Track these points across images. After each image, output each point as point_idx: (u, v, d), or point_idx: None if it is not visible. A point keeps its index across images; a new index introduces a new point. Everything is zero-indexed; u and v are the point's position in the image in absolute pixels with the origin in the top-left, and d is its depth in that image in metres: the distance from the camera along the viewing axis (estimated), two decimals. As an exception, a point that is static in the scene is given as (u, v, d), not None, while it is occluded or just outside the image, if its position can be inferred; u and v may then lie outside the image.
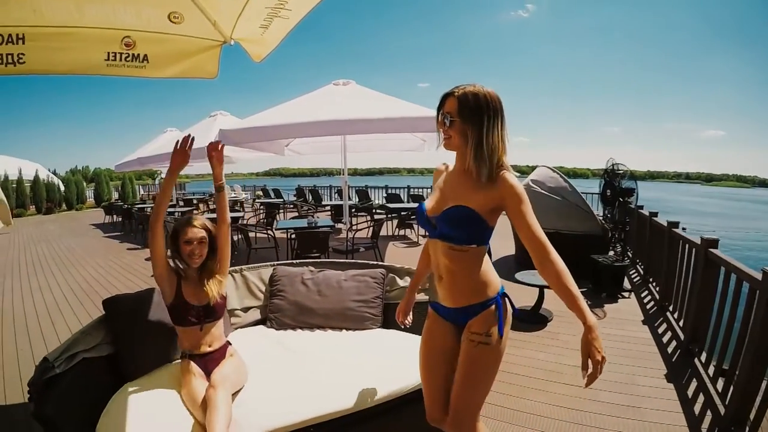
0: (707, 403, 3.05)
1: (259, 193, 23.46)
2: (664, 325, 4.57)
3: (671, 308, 4.75)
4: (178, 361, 2.53)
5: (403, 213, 10.32)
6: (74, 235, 13.49)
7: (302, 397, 2.26)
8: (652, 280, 5.95)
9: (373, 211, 12.88)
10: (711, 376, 3.30)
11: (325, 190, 22.48)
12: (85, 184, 26.78)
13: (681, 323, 4.29)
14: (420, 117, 6.56)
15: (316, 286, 3.31)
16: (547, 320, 4.76)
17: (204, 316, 2.46)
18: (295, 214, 13.57)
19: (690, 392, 3.24)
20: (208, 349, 2.45)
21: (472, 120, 1.70)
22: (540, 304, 4.84)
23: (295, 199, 19.45)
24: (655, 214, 5.99)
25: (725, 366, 3.11)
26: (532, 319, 4.76)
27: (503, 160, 1.75)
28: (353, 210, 12.50)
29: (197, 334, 2.43)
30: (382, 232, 8.67)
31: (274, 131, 6.80)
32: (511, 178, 1.72)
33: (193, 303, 2.45)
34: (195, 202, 18.06)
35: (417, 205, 1.94)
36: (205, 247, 2.54)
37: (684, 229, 4.87)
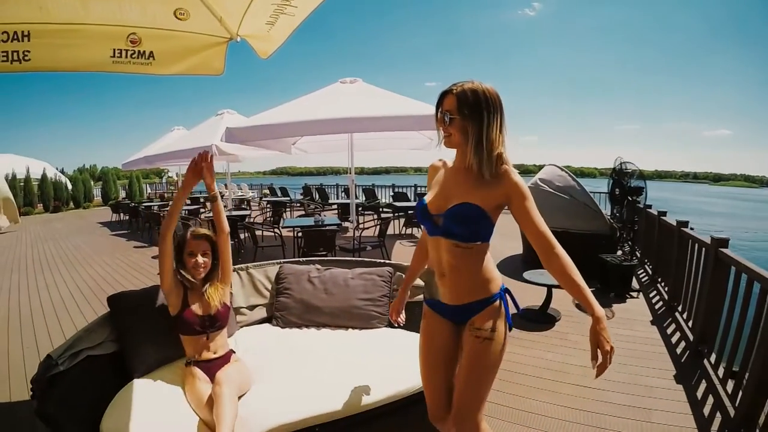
0: (717, 405, 3.02)
1: (266, 191, 23.47)
2: (673, 326, 4.53)
3: (680, 308, 4.71)
4: (183, 361, 2.54)
5: (410, 212, 10.31)
6: (81, 233, 13.54)
7: (308, 397, 2.25)
8: (660, 279, 5.91)
9: (380, 209, 12.88)
10: (720, 377, 3.26)
11: (332, 189, 22.54)
12: (92, 182, 26.85)
13: (690, 324, 4.26)
14: (427, 115, 6.54)
15: (323, 285, 3.30)
16: (555, 320, 4.74)
17: (209, 326, 2.49)
18: (302, 212, 13.58)
19: (699, 394, 3.20)
20: (212, 356, 2.47)
21: (472, 117, 1.70)
22: (548, 303, 4.81)
23: (301, 197, 19.46)
24: (664, 214, 5.94)
25: (735, 368, 3.08)
26: (540, 319, 4.74)
27: (504, 156, 1.75)
28: (360, 209, 12.50)
29: (202, 343, 2.46)
30: (389, 231, 8.66)
31: (280, 129, 6.81)
32: (515, 175, 1.75)
33: (199, 313, 2.49)
34: (202, 200, 18.10)
35: (417, 202, 1.92)
36: (209, 259, 2.59)
37: (692, 229, 4.83)
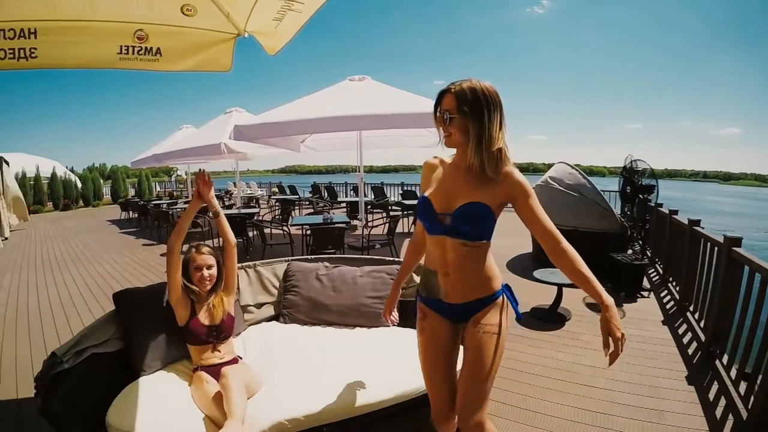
0: (729, 407, 2.98)
1: (275, 189, 23.52)
2: (685, 326, 4.48)
3: (692, 308, 4.65)
4: (189, 359, 2.58)
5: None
6: (90, 231, 13.64)
7: (315, 395, 2.24)
8: (671, 279, 5.83)
9: (389, 207, 12.83)
10: (733, 379, 3.21)
11: (341, 187, 22.57)
12: (102, 181, 27.04)
13: (702, 324, 4.20)
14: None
15: (331, 282, 3.29)
16: (565, 319, 4.69)
17: (215, 336, 2.53)
18: (311, 210, 13.58)
19: (711, 395, 3.16)
20: (218, 360, 2.49)
21: (472, 115, 1.71)
22: (558, 302, 4.77)
23: (310, 195, 19.48)
24: (675, 212, 5.86)
25: (748, 370, 3.03)
26: (550, 318, 4.70)
27: (505, 153, 1.76)
28: (369, 207, 12.48)
29: (209, 351, 2.50)
30: (398, 229, 8.64)
31: (289, 127, 6.79)
32: (518, 173, 1.78)
33: (206, 323, 2.53)
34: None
35: (419, 201, 1.90)
36: (214, 271, 2.66)
37: (703, 228, 4.77)
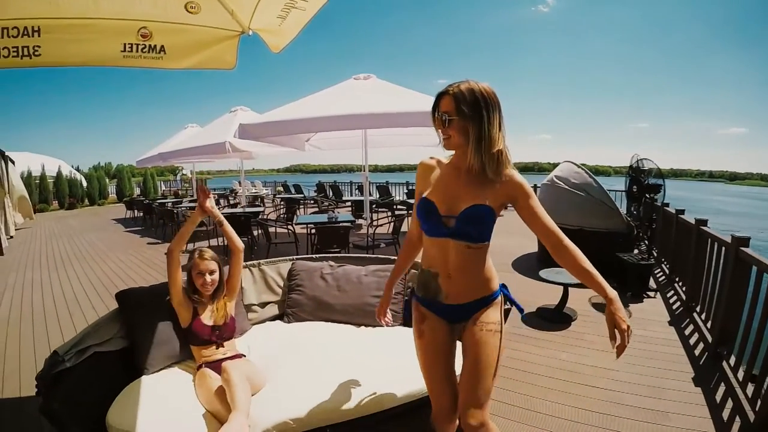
0: (736, 409, 2.95)
1: (280, 188, 23.56)
2: (691, 327, 4.45)
3: (698, 309, 4.62)
4: (192, 359, 2.59)
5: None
6: (95, 230, 13.68)
7: (318, 396, 2.22)
8: (678, 279, 5.80)
9: (394, 206, 12.82)
10: (740, 380, 3.19)
11: (346, 186, 22.59)
12: (107, 180, 27.13)
13: (708, 325, 4.18)
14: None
15: (336, 281, 3.29)
16: (571, 320, 4.67)
17: (219, 335, 2.57)
18: (316, 209, 13.58)
19: (718, 397, 3.13)
20: (222, 356, 2.51)
21: (471, 116, 1.71)
22: (564, 303, 4.74)
23: (315, 194, 19.50)
24: (682, 212, 5.84)
25: (755, 371, 3.00)
26: (556, 318, 4.67)
27: (506, 154, 1.78)
28: (374, 206, 12.46)
29: (213, 349, 2.53)
30: (403, 228, 8.61)
31: (294, 125, 6.78)
32: (517, 174, 1.82)
33: (209, 323, 2.57)
34: (216, 197, 18.19)
35: (419, 203, 1.90)
36: (216, 277, 2.69)
37: (708, 228, 4.74)
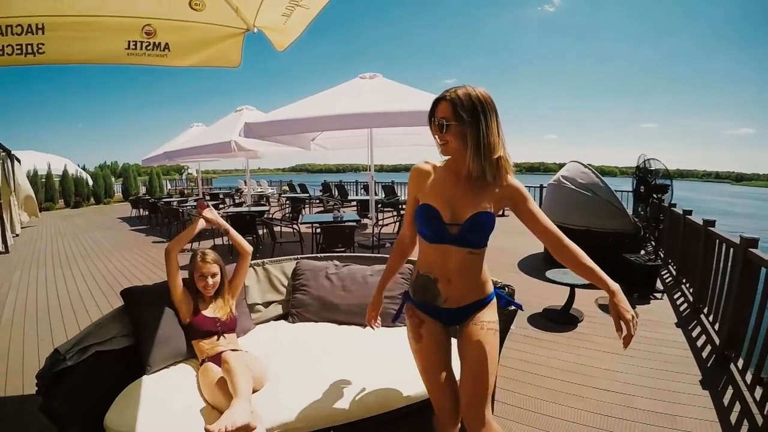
0: (744, 413, 2.92)
1: (285, 187, 23.57)
2: (698, 329, 4.41)
3: (705, 311, 4.57)
4: (194, 359, 2.59)
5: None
6: (101, 228, 13.74)
7: (322, 397, 2.21)
8: (685, 281, 5.75)
9: (400, 206, 12.79)
10: (748, 384, 3.16)
11: (351, 186, 22.59)
12: (113, 178, 27.25)
13: (716, 327, 4.13)
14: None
15: (341, 281, 3.27)
16: (577, 321, 4.63)
17: (220, 328, 2.59)
18: (321, 208, 13.58)
19: (726, 400, 3.10)
20: (223, 348, 2.50)
21: (469, 122, 1.71)
22: (570, 303, 4.70)
23: (320, 194, 19.50)
24: (689, 212, 5.78)
25: (764, 375, 2.96)
26: (562, 319, 4.64)
27: (506, 161, 1.79)
28: (379, 205, 12.44)
29: (214, 343, 2.52)
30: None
31: (299, 124, 6.77)
32: (514, 177, 1.85)
33: (209, 315, 2.60)
34: (221, 196, 18.26)
35: (420, 209, 1.88)
36: (218, 279, 2.73)
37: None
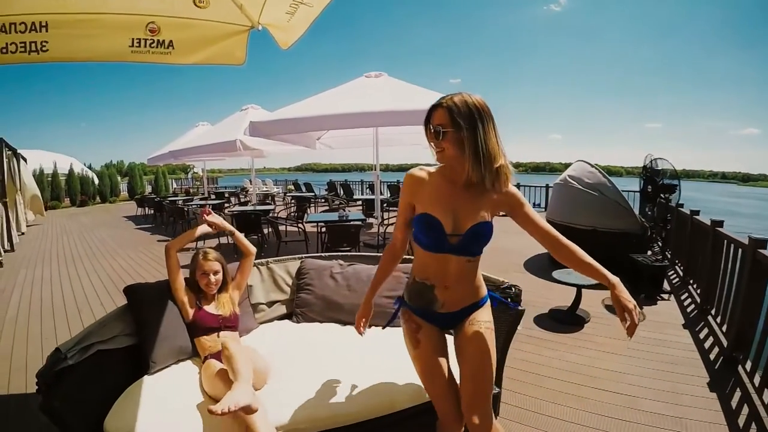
0: (752, 416, 2.88)
1: (291, 186, 23.58)
2: (706, 330, 4.37)
3: (713, 312, 4.53)
4: (197, 358, 2.58)
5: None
6: (106, 227, 13.79)
7: (326, 397, 2.20)
8: (692, 281, 5.72)
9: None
10: (756, 386, 3.12)
11: (357, 185, 22.62)
12: (119, 177, 27.35)
13: (724, 328, 4.10)
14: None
15: (346, 281, 3.25)
16: (584, 321, 4.59)
17: (222, 324, 2.59)
18: (326, 207, 13.56)
19: (734, 403, 3.06)
20: None
21: (466, 128, 1.70)
22: (577, 304, 4.67)
23: (326, 193, 19.50)
24: (697, 213, 5.74)
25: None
26: (568, 320, 4.60)
27: (508, 169, 1.80)
28: (385, 204, 12.42)
29: (217, 340, 2.51)
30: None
31: (305, 123, 6.77)
32: (512, 186, 1.87)
33: (212, 312, 2.61)
34: (227, 195, 18.28)
35: (421, 218, 1.87)
36: (221, 277, 2.74)
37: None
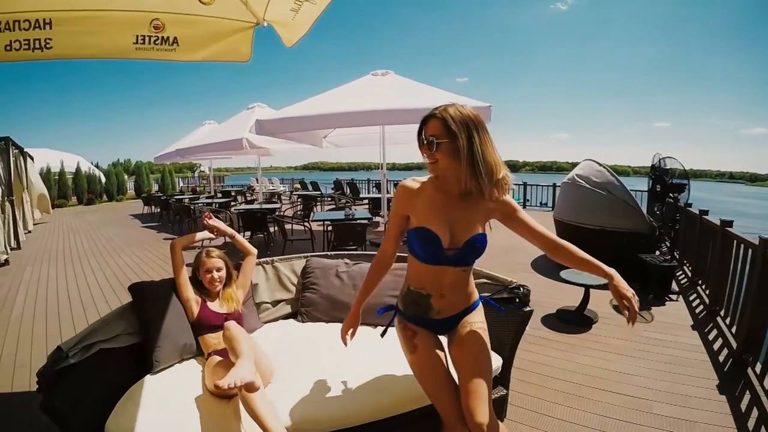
0: (762, 419, 2.84)
1: (297, 185, 23.59)
2: (715, 331, 4.32)
3: (722, 313, 4.48)
4: (200, 357, 2.58)
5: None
6: (113, 225, 13.84)
7: (330, 398, 2.19)
8: (701, 282, 5.66)
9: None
10: (766, 389, 3.09)
11: (363, 184, 22.63)
12: (126, 176, 27.51)
13: (733, 330, 4.05)
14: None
15: (351, 280, 3.23)
16: (592, 322, 4.54)
17: (227, 319, 2.57)
18: (333, 206, 13.55)
19: (743, 406, 3.02)
20: None
21: (462, 137, 1.71)
22: (585, 304, 4.62)
23: (332, 191, 19.48)
24: (706, 212, 5.69)
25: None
26: (576, 321, 4.55)
27: (507, 175, 1.81)
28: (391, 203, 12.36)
29: (220, 337, 2.46)
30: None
31: (311, 121, 6.75)
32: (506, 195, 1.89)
33: (217, 310, 2.62)
34: (233, 193, 18.32)
35: (418, 232, 1.88)
36: (224, 273, 2.78)
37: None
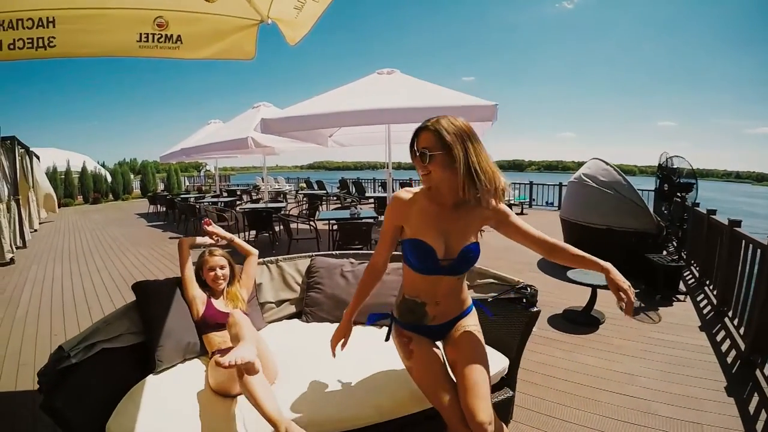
0: (771, 422, 2.80)
1: (303, 184, 23.61)
2: (723, 332, 4.27)
3: (730, 314, 4.44)
4: (203, 357, 2.58)
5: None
6: (118, 224, 13.88)
7: (334, 399, 2.16)
8: (708, 282, 5.60)
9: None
10: (776, 391, 3.04)
11: (369, 183, 22.64)
12: (132, 175, 27.62)
13: (741, 331, 4.01)
14: (468, 106, 6.37)
15: (356, 279, 3.19)
16: (599, 323, 4.50)
17: None
18: (338, 205, 13.55)
19: (752, 408, 2.98)
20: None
21: (458, 148, 1.74)
22: (592, 305, 4.58)
23: (338, 190, 19.48)
24: (713, 212, 5.64)
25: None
26: (583, 321, 4.51)
27: (503, 182, 1.83)
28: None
29: (226, 336, 2.44)
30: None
31: (316, 120, 6.74)
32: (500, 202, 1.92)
33: (221, 309, 2.60)
34: (238, 192, 18.35)
35: (412, 243, 1.90)
36: (227, 271, 2.78)
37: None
